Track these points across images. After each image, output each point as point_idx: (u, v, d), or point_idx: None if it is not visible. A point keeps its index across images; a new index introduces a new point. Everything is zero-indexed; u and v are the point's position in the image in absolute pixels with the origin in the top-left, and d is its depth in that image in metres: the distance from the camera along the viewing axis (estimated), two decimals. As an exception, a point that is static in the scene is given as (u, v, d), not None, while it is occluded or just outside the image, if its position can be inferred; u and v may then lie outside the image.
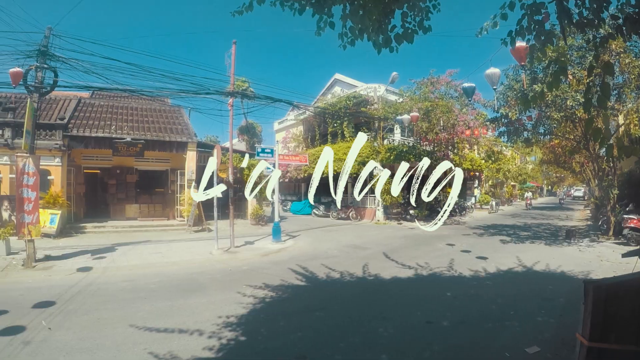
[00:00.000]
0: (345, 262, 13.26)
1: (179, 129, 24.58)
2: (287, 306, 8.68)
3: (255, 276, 11.41)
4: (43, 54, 13.52)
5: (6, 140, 19.97)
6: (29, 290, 10.14)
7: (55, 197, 19.03)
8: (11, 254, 14.07)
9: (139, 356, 6.14)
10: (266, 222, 24.02)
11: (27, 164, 12.84)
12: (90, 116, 24.55)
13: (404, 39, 4.95)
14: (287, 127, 40.79)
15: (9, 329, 7.30)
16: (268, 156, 17.96)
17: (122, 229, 21.14)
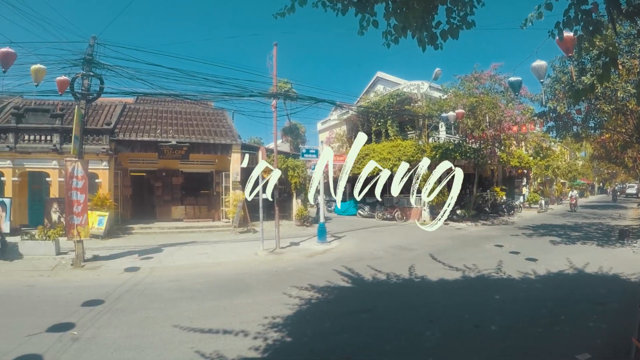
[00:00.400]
0: (391, 264, 12.99)
1: (223, 132, 24.76)
2: (333, 308, 8.53)
3: (301, 277, 11.29)
4: (89, 62, 13.80)
5: (55, 146, 20.69)
6: (78, 289, 10.34)
7: (103, 200, 19.50)
8: (60, 254, 14.40)
9: (185, 355, 6.13)
10: (311, 223, 23.92)
11: (76, 168, 13.18)
12: (136, 121, 25.06)
13: (449, 35, 4.78)
14: (330, 127, 40.59)
15: (58, 325, 7.43)
16: (312, 157, 17.86)
17: (168, 230, 21.40)
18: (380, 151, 27.63)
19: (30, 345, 6.57)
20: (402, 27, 4.76)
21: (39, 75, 11.83)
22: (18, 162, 20.51)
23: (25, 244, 14.45)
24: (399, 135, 29.09)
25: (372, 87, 36.56)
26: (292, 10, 5.09)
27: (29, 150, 20.60)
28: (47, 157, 20.68)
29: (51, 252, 14.31)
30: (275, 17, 5.35)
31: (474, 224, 24.27)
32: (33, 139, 20.88)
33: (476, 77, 24.80)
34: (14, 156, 20.41)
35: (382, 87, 34.31)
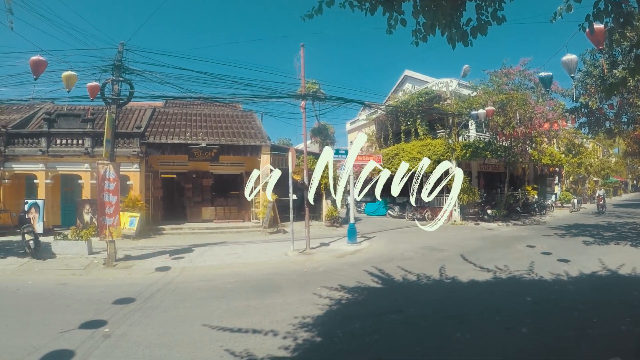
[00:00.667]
0: (421, 264, 12.79)
1: (252, 133, 24.84)
2: (363, 308, 8.38)
3: (331, 278, 11.17)
4: (118, 68, 14.05)
5: (87, 149, 21.24)
6: (110, 287, 10.46)
7: (134, 201, 19.83)
8: (92, 254, 14.66)
9: (215, 353, 6.09)
10: (341, 223, 23.72)
11: (108, 171, 13.42)
12: (166, 124, 25.36)
13: (478, 31, 4.68)
14: (359, 127, 40.30)
15: (90, 322, 7.51)
16: (342, 157, 17.75)
17: (199, 231, 21.52)
18: (409, 150, 27.28)
19: (62, 341, 6.64)
20: (430, 25, 4.70)
21: (70, 82, 12.11)
22: (51, 165, 21.12)
23: (58, 244, 14.80)
24: (428, 134, 28.61)
25: (400, 85, 36.23)
26: (320, 12, 5.10)
27: (61, 153, 21.16)
28: (79, 161, 21.21)
29: (83, 252, 14.60)
30: (304, 18, 5.38)
31: (505, 224, 23.81)
32: (65, 143, 21.46)
33: (505, 72, 24.30)
34: (47, 160, 21.03)
35: (411, 86, 33.94)
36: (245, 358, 5.85)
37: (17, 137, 21.60)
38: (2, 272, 12.45)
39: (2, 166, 20.98)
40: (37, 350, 6.21)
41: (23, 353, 6.15)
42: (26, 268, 12.85)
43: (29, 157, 21.11)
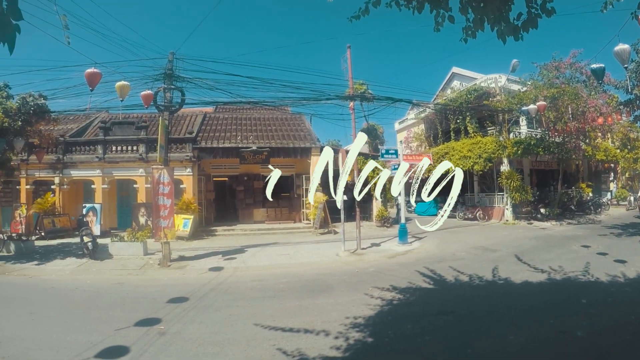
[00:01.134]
0: (473, 265, 12.44)
1: (301, 135, 24.94)
2: (415, 309, 8.20)
3: (382, 278, 11.01)
4: (169, 77, 14.42)
5: (141, 155, 21.97)
6: (165, 287, 10.66)
7: (187, 204, 20.26)
8: (148, 255, 15.03)
9: (267, 352, 6.08)
10: (391, 223, 23.42)
11: (162, 175, 13.77)
12: (217, 128, 25.86)
13: (529, 25, 4.53)
14: (407, 126, 39.66)
15: (145, 320, 7.65)
16: (392, 157, 17.57)
17: (251, 232, 21.72)
18: (460, 149, 26.61)
19: (119, 337, 6.78)
20: (479, 20, 4.61)
21: (124, 91, 12.46)
22: (107, 171, 22.01)
23: (115, 245, 15.33)
24: (478, 132, 27.80)
25: (448, 83, 35.39)
26: (367, 13, 5.10)
27: (116, 160, 22.02)
28: (133, 166, 21.96)
29: (139, 253, 15.00)
30: (350, 20, 5.39)
31: (559, 223, 22.91)
32: (120, 150, 22.34)
33: (555, 66, 23.46)
34: (103, 166, 21.93)
35: (459, 83, 33.11)
36: (297, 357, 5.81)
37: (75, 145, 22.68)
38: (61, 272, 12.97)
39: (61, 173, 22.03)
40: (95, 346, 6.36)
41: (81, 348, 6.30)
42: (84, 268, 13.32)
43: (86, 163, 22.07)
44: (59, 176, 21.99)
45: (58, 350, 6.35)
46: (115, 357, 6.01)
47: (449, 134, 30.73)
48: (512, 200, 24.39)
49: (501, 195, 25.72)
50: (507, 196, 24.96)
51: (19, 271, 13.18)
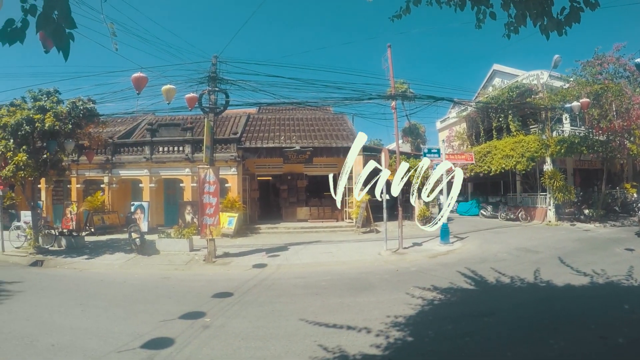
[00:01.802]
0: (515, 266, 12.12)
1: (344, 135, 24.92)
2: (455, 310, 8.06)
3: (424, 278, 10.88)
4: (213, 79, 14.66)
5: (187, 155, 22.49)
6: (210, 282, 10.87)
7: (232, 202, 20.57)
8: (193, 251, 15.43)
9: (308, 347, 6.11)
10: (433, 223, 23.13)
11: (208, 174, 14.07)
12: (260, 129, 26.14)
13: (572, 19, 4.38)
14: (449, 125, 39.19)
15: (190, 313, 7.81)
16: (435, 156, 17.35)
17: (294, 230, 21.85)
18: (502, 148, 25.99)
19: (164, 329, 6.96)
20: (521, 15, 4.52)
21: (170, 94, 12.77)
22: (154, 170, 22.69)
23: (162, 241, 15.84)
24: (521, 130, 27.09)
25: (489, 80, 34.59)
26: (408, 11, 5.09)
27: (163, 160, 22.66)
28: (180, 166, 22.53)
29: (185, 249, 15.42)
30: (392, 19, 5.39)
31: (602, 225, 22.06)
32: (167, 150, 22.97)
33: (599, 62, 22.66)
34: (151, 165, 22.62)
35: (500, 80, 32.31)
36: (337, 354, 5.81)
37: (123, 146, 23.56)
38: (110, 266, 13.48)
39: (110, 172, 22.94)
40: (141, 337, 6.56)
41: (128, 339, 6.51)
42: (132, 263, 13.76)
43: (134, 163, 22.86)
44: (108, 176, 22.89)
45: (106, 340, 6.55)
46: (160, 348, 6.16)
47: (491, 133, 30.06)
48: (555, 200, 23.67)
49: (544, 195, 25.00)
50: (549, 196, 24.23)
51: (70, 265, 13.78)
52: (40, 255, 14.91)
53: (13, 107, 15.07)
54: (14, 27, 3.04)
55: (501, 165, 25.49)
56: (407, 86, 26.78)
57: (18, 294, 9.96)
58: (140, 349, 6.14)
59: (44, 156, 15.31)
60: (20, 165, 14.28)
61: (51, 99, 15.31)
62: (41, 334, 6.95)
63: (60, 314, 8.29)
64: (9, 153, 14.39)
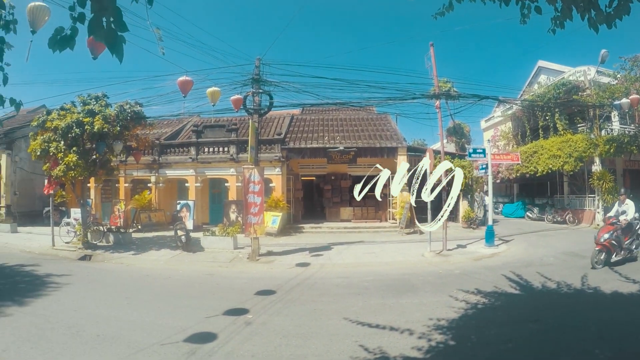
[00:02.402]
0: (561, 271, 11.65)
1: (387, 135, 24.72)
2: (499, 314, 7.83)
3: (467, 281, 10.64)
4: (257, 81, 14.83)
5: (232, 156, 22.88)
6: (253, 279, 10.95)
7: (276, 202, 20.82)
8: (237, 249, 15.62)
9: (349, 347, 6.07)
10: (478, 225, 22.67)
11: (253, 174, 14.26)
12: (304, 130, 26.28)
13: (621, 12, 4.18)
14: (494, 124, 37.91)
15: (233, 310, 7.91)
16: (480, 157, 16.97)
17: (337, 230, 21.80)
18: (549, 148, 24.99)
19: (207, 324, 7.07)
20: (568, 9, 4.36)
21: (215, 97, 13.00)
22: (200, 170, 23.21)
23: (207, 239, 16.15)
24: (568, 129, 25.93)
25: (534, 77, 33.23)
26: (451, 9, 5.01)
27: (209, 160, 23.13)
28: (225, 166, 22.96)
29: (229, 247, 15.65)
30: (435, 17, 5.33)
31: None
32: (212, 151, 23.47)
33: None
34: (196, 166, 23.18)
35: (546, 77, 30.92)
36: (378, 355, 5.75)
37: (169, 147, 24.26)
38: (156, 261, 13.83)
39: (157, 172, 23.70)
40: (184, 331, 6.67)
41: (171, 332, 6.65)
42: (178, 259, 14.03)
43: (180, 164, 23.47)
44: (154, 175, 23.64)
45: (150, 332, 6.71)
46: (203, 342, 6.24)
47: (537, 132, 28.93)
48: (604, 203, 22.76)
49: (592, 197, 24.06)
50: (598, 198, 23.33)
51: (117, 260, 14.24)
52: (88, 250, 15.51)
53: (63, 111, 15.80)
54: (63, 35, 3.19)
55: (548, 166, 24.50)
56: (451, 85, 26.20)
57: (66, 286, 10.40)
58: (183, 342, 6.25)
59: (93, 157, 16.01)
60: (71, 166, 14.93)
61: (100, 103, 15.98)
62: (87, 325, 7.21)
63: (107, 306, 8.57)
64: (59, 154, 15.10)
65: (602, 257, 11.80)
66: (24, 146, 23.37)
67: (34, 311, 8.16)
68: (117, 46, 2.89)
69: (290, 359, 5.82)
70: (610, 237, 11.69)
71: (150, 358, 5.79)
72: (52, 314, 7.93)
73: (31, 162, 23.16)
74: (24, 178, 25.88)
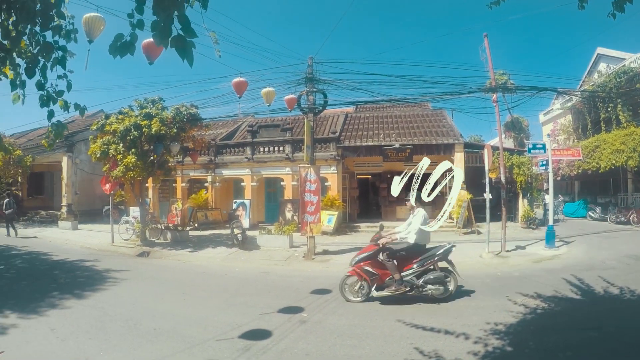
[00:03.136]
0: (625, 276, 10.96)
1: (443, 132, 24.20)
2: (559, 320, 7.45)
3: (526, 284, 10.23)
4: (310, 80, 14.85)
5: (287, 155, 23.00)
6: (308, 278, 11.02)
7: (332, 200, 20.77)
8: (293, 247, 15.68)
9: (403, 349, 5.98)
10: (537, 225, 21.79)
11: (309, 173, 14.33)
12: (359, 127, 26.14)
13: None
14: (553, 118, 36.22)
15: (288, 308, 7.96)
16: (540, 152, 16.33)
17: (393, 229, 21.50)
18: (611, 142, 23.03)
19: (262, 321, 7.13)
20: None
21: (270, 97, 13.18)
22: (255, 170, 23.51)
23: (263, 238, 16.32)
24: (632, 121, 23.94)
25: (593, 66, 31.12)
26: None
27: (264, 159, 23.36)
28: (280, 165, 23.10)
29: (285, 245, 15.73)
30: (490, 7, 5.24)
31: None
32: (267, 150, 23.67)
33: None
34: (252, 165, 23.50)
35: (606, 66, 28.89)
36: (433, 358, 5.66)
37: (225, 147, 24.75)
38: (212, 259, 14.18)
39: (213, 172, 24.29)
40: (239, 327, 6.78)
41: (227, 328, 6.76)
42: (234, 257, 14.29)
43: (236, 163, 23.89)
44: (211, 175, 24.23)
45: (205, 328, 6.85)
46: (258, 339, 6.31)
47: (599, 125, 27.03)
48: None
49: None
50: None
51: (174, 256, 14.71)
52: (146, 247, 16.11)
53: (121, 115, 16.58)
54: (123, 41, 3.30)
55: (611, 162, 22.48)
56: (507, 77, 25.38)
57: (125, 281, 10.82)
58: (238, 338, 6.35)
59: (151, 158, 16.61)
60: (130, 167, 15.51)
61: (156, 106, 16.66)
62: (144, 318, 7.45)
63: (163, 301, 8.83)
64: (119, 156, 15.78)
65: None
66: (84, 149, 24.69)
67: (93, 304, 8.54)
68: (187, 51, 3.01)
69: (345, 359, 5.78)
70: None
71: (206, 353, 5.89)
72: (110, 307, 8.25)
73: (91, 164, 24.34)
74: (84, 179, 27.34)
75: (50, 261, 13.86)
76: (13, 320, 7.46)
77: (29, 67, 4.31)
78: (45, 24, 3.95)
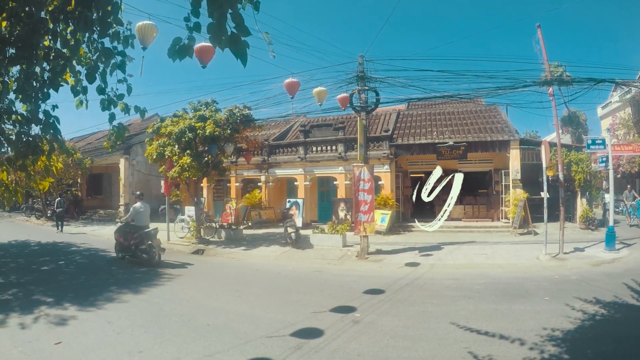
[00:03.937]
0: None
1: (498, 128, 23.47)
2: (619, 328, 7.09)
3: (585, 288, 9.79)
4: (361, 78, 14.82)
5: (340, 154, 22.97)
6: (361, 278, 10.92)
7: (385, 199, 20.66)
8: (346, 247, 15.68)
9: (458, 353, 5.87)
10: (596, 226, 20.85)
11: (363, 172, 14.33)
12: (411, 125, 25.72)
13: None
14: (612, 111, 34.42)
15: (341, 307, 7.94)
16: (599, 148, 15.64)
17: (447, 229, 21.07)
18: None
19: (315, 320, 7.16)
20: None
21: (322, 96, 13.22)
22: (308, 169, 23.62)
23: (316, 237, 16.44)
24: None
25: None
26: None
27: (317, 159, 23.45)
28: (333, 164, 23.11)
29: (338, 244, 15.76)
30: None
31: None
32: (320, 150, 23.75)
33: None
34: (305, 165, 23.62)
35: None
36: (487, 363, 5.50)
37: (278, 147, 25.05)
38: (266, 257, 14.37)
39: (267, 172, 24.65)
40: (292, 326, 6.82)
41: (279, 326, 6.82)
42: (287, 255, 14.42)
43: (289, 163, 24.12)
44: (264, 175, 24.58)
45: (258, 325, 6.94)
46: (309, 338, 6.33)
47: None
48: None
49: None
50: None
51: (228, 255, 14.97)
52: (201, 245, 16.53)
53: (176, 118, 17.14)
54: (181, 45, 3.38)
55: None
56: (563, 69, 24.45)
57: (179, 277, 11.15)
58: (289, 336, 6.39)
59: (205, 159, 17.03)
60: (185, 167, 15.96)
61: (210, 109, 17.14)
62: (198, 314, 7.65)
63: (217, 298, 9.04)
64: (174, 157, 16.29)
65: None
66: (140, 151, 26.06)
67: (148, 299, 8.83)
68: (241, 51, 3.05)
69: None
70: None
71: (258, 349, 5.96)
72: (165, 302, 8.52)
73: (147, 165, 25.66)
74: (140, 179, 28.65)
75: (109, 257, 14.38)
76: (72, 312, 7.85)
77: (89, 73, 4.47)
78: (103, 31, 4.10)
